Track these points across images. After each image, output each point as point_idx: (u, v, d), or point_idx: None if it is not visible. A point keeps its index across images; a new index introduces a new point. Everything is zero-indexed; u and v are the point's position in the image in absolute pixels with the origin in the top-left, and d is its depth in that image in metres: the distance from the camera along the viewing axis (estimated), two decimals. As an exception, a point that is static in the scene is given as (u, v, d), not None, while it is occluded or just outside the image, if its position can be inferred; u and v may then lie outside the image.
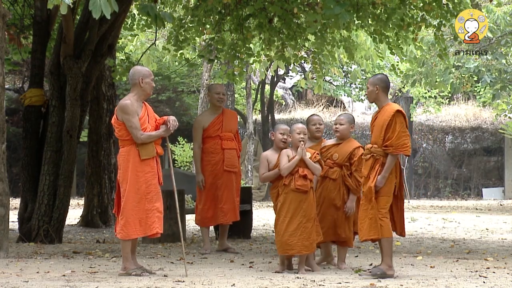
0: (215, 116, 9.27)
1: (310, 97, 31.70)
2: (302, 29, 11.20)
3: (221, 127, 9.24)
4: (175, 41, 11.55)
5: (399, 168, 7.21)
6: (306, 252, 7.28)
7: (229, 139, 9.27)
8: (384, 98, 7.27)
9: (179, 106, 26.14)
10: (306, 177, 7.29)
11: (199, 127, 9.24)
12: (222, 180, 9.18)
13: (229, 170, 9.21)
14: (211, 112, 9.34)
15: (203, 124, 9.24)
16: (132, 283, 6.45)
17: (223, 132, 9.24)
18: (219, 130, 9.23)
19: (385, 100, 7.25)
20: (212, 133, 9.21)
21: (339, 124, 7.78)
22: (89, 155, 13.18)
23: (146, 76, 7.17)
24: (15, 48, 12.84)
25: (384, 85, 7.27)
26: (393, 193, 7.10)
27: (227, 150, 9.22)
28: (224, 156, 9.20)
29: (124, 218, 7.00)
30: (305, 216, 7.26)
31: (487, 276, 7.05)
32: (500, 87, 19.02)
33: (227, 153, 9.22)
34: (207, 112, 9.48)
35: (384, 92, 7.27)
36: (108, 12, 6.98)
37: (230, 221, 9.22)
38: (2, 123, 8.58)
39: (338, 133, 7.78)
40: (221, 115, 9.28)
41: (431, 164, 26.38)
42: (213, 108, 9.34)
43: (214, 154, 9.19)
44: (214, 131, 9.22)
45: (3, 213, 8.50)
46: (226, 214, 9.16)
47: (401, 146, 7.05)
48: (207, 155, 9.21)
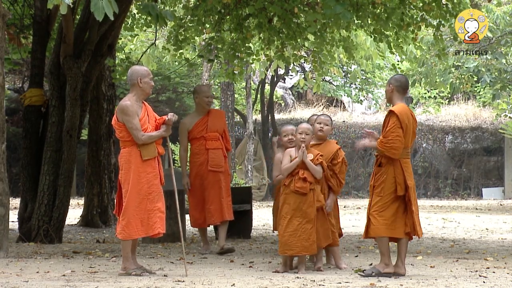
0: (200, 117, 9.28)
1: (310, 97, 31.68)
2: (302, 28, 11.20)
3: (205, 127, 9.24)
4: (175, 41, 11.55)
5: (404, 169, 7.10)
6: (306, 253, 7.27)
7: (214, 139, 9.25)
8: (397, 98, 7.21)
9: (179, 106, 26.12)
10: (306, 180, 7.27)
11: (184, 130, 9.27)
12: (208, 181, 9.16)
13: (215, 170, 9.18)
14: (197, 114, 9.35)
15: (187, 127, 9.26)
16: (132, 283, 6.45)
17: (208, 133, 9.23)
18: (204, 131, 9.23)
19: (397, 100, 7.21)
20: (196, 134, 9.22)
21: (324, 124, 7.70)
22: (89, 155, 13.17)
23: (145, 76, 7.16)
24: (15, 48, 12.84)
25: (399, 84, 7.22)
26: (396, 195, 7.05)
27: (211, 150, 9.20)
28: (209, 157, 9.18)
29: (125, 218, 7.00)
30: (304, 217, 7.25)
31: (487, 276, 7.05)
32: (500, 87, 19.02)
33: (211, 153, 9.20)
34: (192, 114, 9.48)
35: (398, 92, 7.22)
36: (110, 13, 6.98)
37: (217, 222, 9.14)
38: (2, 123, 8.58)
39: (322, 133, 7.70)
40: (206, 116, 9.29)
41: (431, 164, 26.36)
42: (199, 110, 9.34)
43: (199, 155, 9.20)
44: (198, 132, 9.22)
45: (3, 213, 8.50)
46: (213, 215, 9.11)
47: (388, 146, 7.02)
48: (192, 156, 9.26)
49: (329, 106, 30.83)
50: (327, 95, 28.67)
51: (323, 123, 7.71)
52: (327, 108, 30.34)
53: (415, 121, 7.25)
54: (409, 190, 7.07)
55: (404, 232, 7.08)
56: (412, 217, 7.08)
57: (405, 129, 7.07)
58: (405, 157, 7.14)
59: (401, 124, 7.05)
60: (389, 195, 7.07)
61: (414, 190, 7.17)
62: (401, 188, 7.06)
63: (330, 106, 30.76)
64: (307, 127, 7.40)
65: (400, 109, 7.15)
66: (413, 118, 7.23)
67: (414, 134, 7.21)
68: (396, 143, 7.01)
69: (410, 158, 7.24)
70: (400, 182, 7.07)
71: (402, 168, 7.08)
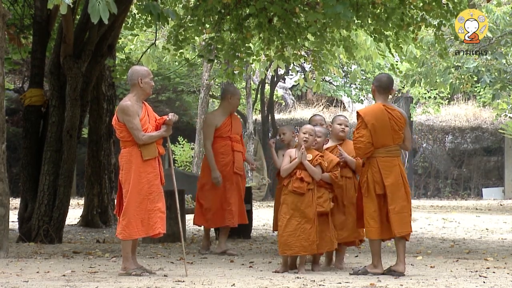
0: (226, 117, 9.17)
1: (310, 97, 31.69)
2: (302, 28, 11.20)
3: (230, 128, 9.16)
4: (175, 41, 11.55)
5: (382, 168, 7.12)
6: (305, 253, 7.27)
7: (238, 141, 9.20)
8: (378, 97, 7.27)
9: (179, 106, 26.12)
10: (303, 180, 7.28)
11: (212, 125, 9.08)
12: (230, 182, 9.07)
13: (238, 173, 9.15)
14: (223, 113, 9.19)
15: (216, 123, 9.09)
16: (132, 283, 6.45)
17: (232, 134, 9.16)
18: (229, 132, 9.13)
19: (378, 100, 7.27)
20: (223, 133, 9.10)
21: (345, 125, 7.81)
22: (89, 155, 13.17)
23: (145, 76, 7.17)
24: (15, 48, 12.84)
25: (379, 84, 7.27)
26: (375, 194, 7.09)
27: (236, 152, 9.14)
28: (234, 158, 9.12)
29: (126, 218, 7.00)
30: (303, 217, 7.26)
31: (487, 276, 7.06)
32: (500, 87, 19.00)
33: (236, 155, 9.14)
34: (218, 111, 9.27)
35: (379, 92, 7.26)
36: (106, 17, 6.95)
37: (235, 224, 9.10)
38: (2, 123, 8.58)
39: (344, 134, 7.81)
40: (230, 117, 9.22)
41: (431, 164, 26.37)
42: (226, 110, 9.19)
43: (225, 155, 9.07)
44: (226, 132, 9.11)
45: (3, 213, 8.50)
46: (233, 217, 9.03)
47: (355, 147, 7.22)
48: (216, 156, 9.06)
49: (329, 106, 30.84)
50: (327, 95, 28.66)
51: (343, 123, 7.83)
52: (327, 108, 30.35)
53: (397, 119, 7.16)
54: (387, 188, 7.07)
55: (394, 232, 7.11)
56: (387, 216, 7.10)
57: (373, 128, 7.11)
58: (384, 155, 7.14)
59: (366, 124, 7.12)
60: (369, 195, 7.12)
61: (399, 188, 7.10)
62: (379, 187, 7.10)
63: (330, 106, 30.77)
64: (311, 128, 7.43)
65: (366, 109, 7.27)
66: (393, 116, 7.15)
67: (396, 132, 7.15)
68: (358, 144, 7.16)
69: (396, 157, 7.16)
70: (377, 181, 7.11)
71: (378, 167, 7.11)
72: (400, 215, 7.08)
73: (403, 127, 7.21)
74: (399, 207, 7.08)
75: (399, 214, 7.08)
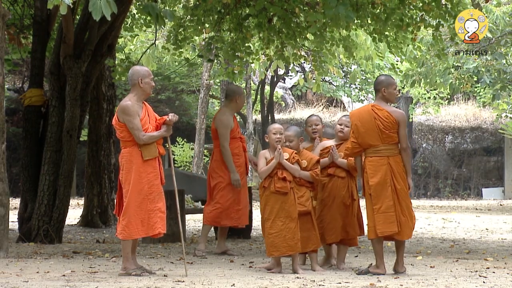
0: (233, 118, 9.10)
1: (310, 97, 31.69)
2: (302, 28, 11.20)
3: (239, 129, 9.16)
4: (175, 41, 11.56)
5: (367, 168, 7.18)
6: (291, 252, 7.27)
7: (245, 141, 9.21)
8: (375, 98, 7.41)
9: (179, 106, 26.13)
10: (286, 179, 7.29)
11: (229, 126, 8.91)
12: (243, 182, 9.02)
13: (246, 173, 9.17)
14: (230, 113, 9.05)
15: (231, 124, 8.95)
16: (132, 283, 6.45)
17: (240, 134, 9.15)
18: (239, 132, 9.09)
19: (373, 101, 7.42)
20: (236, 134, 9.02)
21: (345, 126, 7.82)
22: (89, 155, 13.17)
23: (145, 76, 7.17)
24: (15, 48, 12.83)
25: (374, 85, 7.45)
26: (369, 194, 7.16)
27: (246, 153, 9.16)
28: (246, 159, 9.12)
29: (126, 218, 7.00)
30: (287, 217, 7.27)
31: (487, 276, 7.06)
32: (500, 87, 19.00)
33: (247, 155, 9.16)
34: (228, 112, 9.06)
35: (375, 93, 7.40)
36: (108, 13, 6.98)
37: (243, 224, 9.07)
38: (2, 123, 8.58)
39: (343, 134, 7.81)
40: (234, 117, 9.18)
41: (431, 164, 26.37)
42: (232, 111, 9.09)
43: (239, 156, 9.01)
44: (238, 133, 9.06)
45: (3, 213, 8.50)
46: (240, 217, 8.97)
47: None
48: (232, 157, 8.95)
49: (329, 106, 30.84)
50: (327, 95, 28.67)
51: (344, 124, 7.84)
52: (327, 108, 30.35)
53: (384, 119, 7.14)
54: (371, 188, 7.10)
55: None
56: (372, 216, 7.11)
57: (355, 129, 7.21)
58: (372, 155, 7.18)
59: (357, 126, 7.21)
60: (367, 195, 7.20)
61: (384, 188, 7.07)
62: (368, 187, 7.16)
63: (330, 106, 30.77)
64: (280, 127, 7.44)
65: (354, 110, 7.45)
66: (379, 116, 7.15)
67: (383, 131, 7.13)
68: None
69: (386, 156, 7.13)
70: (366, 181, 7.19)
71: (366, 167, 7.18)
72: (385, 215, 7.06)
73: (392, 127, 7.15)
74: (384, 206, 7.07)
75: (384, 214, 7.06)
